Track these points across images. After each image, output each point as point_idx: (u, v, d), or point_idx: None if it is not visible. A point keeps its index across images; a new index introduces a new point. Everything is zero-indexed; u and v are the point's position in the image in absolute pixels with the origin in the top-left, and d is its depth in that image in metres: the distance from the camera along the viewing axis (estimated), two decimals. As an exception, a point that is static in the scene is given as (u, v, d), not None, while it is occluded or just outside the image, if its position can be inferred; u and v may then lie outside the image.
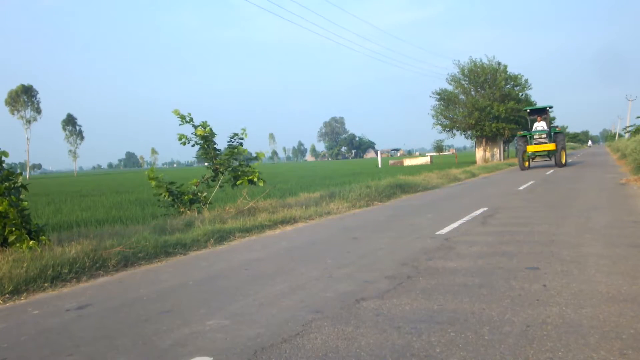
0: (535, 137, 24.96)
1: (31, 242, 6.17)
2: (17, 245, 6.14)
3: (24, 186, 6.72)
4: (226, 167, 10.68)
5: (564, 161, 24.68)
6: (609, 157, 35.63)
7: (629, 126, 56.72)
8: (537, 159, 26.70)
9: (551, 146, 24.16)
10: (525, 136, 25.53)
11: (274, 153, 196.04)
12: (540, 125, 25.55)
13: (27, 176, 71.40)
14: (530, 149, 24.67)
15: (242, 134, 10.91)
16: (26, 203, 6.57)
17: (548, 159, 25.55)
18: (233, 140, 10.91)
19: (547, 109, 26.66)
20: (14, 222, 6.19)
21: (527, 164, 25.25)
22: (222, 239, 7.99)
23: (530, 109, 28.03)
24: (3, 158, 6.61)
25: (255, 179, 10.52)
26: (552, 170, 22.69)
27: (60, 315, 4.39)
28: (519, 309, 3.74)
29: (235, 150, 10.72)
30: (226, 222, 9.01)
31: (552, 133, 25.15)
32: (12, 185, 6.46)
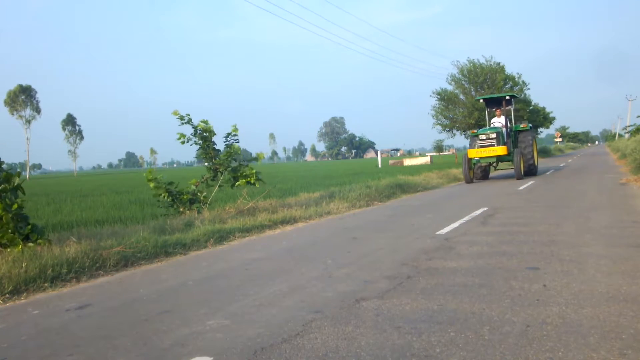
0: (481, 137, 17.74)
1: (20, 247, 6.14)
2: (9, 250, 6.11)
3: (20, 187, 6.59)
4: (225, 167, 10.68)
5: (523, 171, 17.85)
6: (609, 157, 35.63)
7: (629, 126, 56.76)
8: (505, 166, 19.90)
9: (500, 150, 17.18)
10: (476, 136, 18.11)
11: (274, 153, 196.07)
12: (498, 121, 18.97)
13: (27, 176, 71.41)
14: (472, 153, 17.76)
15: (233, 131, 10.91)
16: (16, 206, 6.36)
17: (511, 164, 18.86)
18: (228, 139, 10.92)
19: (507, 98, 19.43)
20: (7, 225, 6.17)
21: (472, 174, 18.38)
22: (222, 239, 7.99)
23: (484, 99, 20.52)
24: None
25: (252, 181, 10.53)
26: (551, 170, 22.69)
27: (60, 315, 4.38)
28: (519, 309, 3.74)
29: (232, 149, 10.72)
30: (226, 222, 9.01)
31: (511, 131, 18.93)
32: (8, 187, 6.40)
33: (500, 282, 4.50)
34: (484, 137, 17.73)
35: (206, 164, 11.01)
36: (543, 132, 75.60)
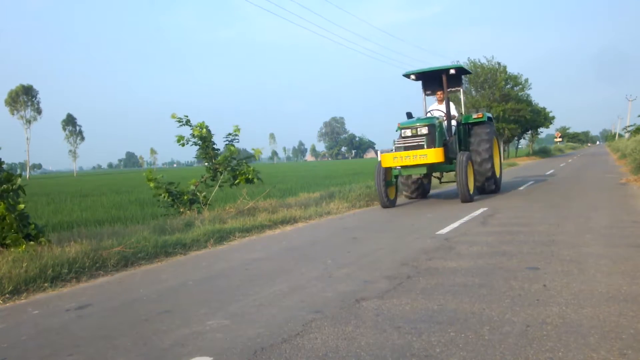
0: (404, 133, 11.26)
1: (24, 246, 6.14)
2: (12, 249, 6.11)
3: (21, 188, 6.61)
4: (225, 166, 10.69)
5: (472, 186, 11.41)
6: (609, 157, 35.62)
7: (629, 126, 56.80)
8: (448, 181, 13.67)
9: (432, 155, 10.58)
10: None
11: (274, 153, 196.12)
12: (439, 110, 12.20)
13: (27, 176, 71.36)
14: (386, 160, 11.02)
15: (235, 131, 10.93)
16: (22, 205, 6.38)
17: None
18: (229, 139, 10.94)
19: (451, 72, 12.10)
20: (10, 225, 6.17)
21: (392, 193, 11.78)
22: (222, 239, 7.98)
23: (418, 75, 12.78)
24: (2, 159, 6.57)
25: (251, 177, 10.54)
26: (551, 170, 22.69)
27: (60, 315, 4.38)
28: (519, 309, 3.74)
29: (229, 151, 10.74)
30: (226, 222, 9.01)
31: (460, 125, 12.29)
32: (11, 188, 6.41)
33: (500, 282, 4.50)
34: (408, 132, 11.15)
35: (206, 164, 11.03)
36: (543, 132, 75.72)
